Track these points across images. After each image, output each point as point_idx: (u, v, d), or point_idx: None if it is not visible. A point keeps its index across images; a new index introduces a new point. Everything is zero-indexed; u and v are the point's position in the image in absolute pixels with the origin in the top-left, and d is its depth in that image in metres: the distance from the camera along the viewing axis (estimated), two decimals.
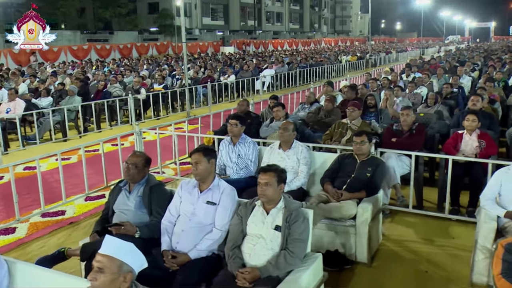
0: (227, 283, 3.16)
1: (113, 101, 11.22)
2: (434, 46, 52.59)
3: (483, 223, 3.96)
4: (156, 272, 3.38)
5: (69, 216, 5.86)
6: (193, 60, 23.96)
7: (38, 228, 5.54)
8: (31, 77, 14.69)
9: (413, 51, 40.88)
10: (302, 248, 3.27)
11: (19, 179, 7.00)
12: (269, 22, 61.58)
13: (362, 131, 4.88)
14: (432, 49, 44.83)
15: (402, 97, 9.26)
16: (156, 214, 3.77)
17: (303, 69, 20.00)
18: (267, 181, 3.32)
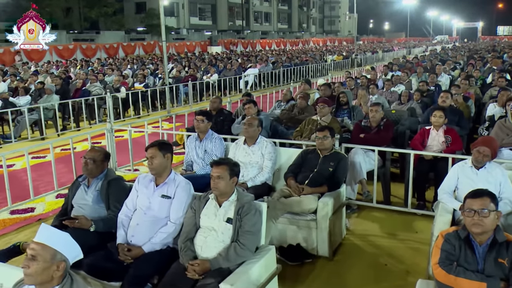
0: (178, 275, 3.19)
1: (93, 100, 11.17)
2: (421, 46, 52.94)
3: (439, 216, 4.03)
4: (110, 265, 3.42)
5: (38, 213, 5.84)
6: (179, 60, 23.88)
7: (5, 225, 5.52)
8: (11, 76, 14.58)
9: (399, 51, 41.12)
10: (253, 241, 3.30)
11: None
12: (257, 22, 61.62)
13: (324, 127, 4.92)
14: (418, 49, 45.12)
15: (379, 95, 9.37)
16: (114, 208, 3.78)
17: (287, 68, 20.05)
18: (219, 174, 3.35)
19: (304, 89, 10.04)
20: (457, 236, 2.71)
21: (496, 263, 2.57)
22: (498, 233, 2.65)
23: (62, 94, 11.23)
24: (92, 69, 18.17)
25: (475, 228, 2.62)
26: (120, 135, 8.41)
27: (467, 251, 2.65)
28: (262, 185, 4.87)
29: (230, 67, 17.76)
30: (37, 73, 15.47)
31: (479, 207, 2.63)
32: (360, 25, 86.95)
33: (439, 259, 2.64)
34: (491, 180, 4.04)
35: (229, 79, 16.05)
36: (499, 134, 5.55)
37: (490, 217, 2.61)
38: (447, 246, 2.69)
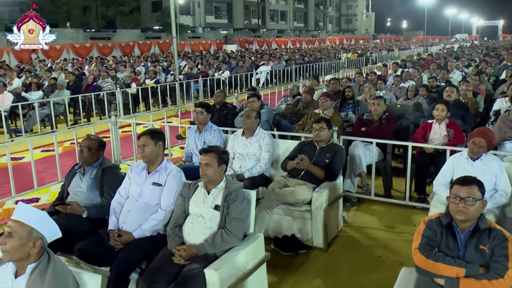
0: (165, 260, 3.22)
1: (104, 95, 11.30)
2: (439, 44, 52.28)
3: (432, 207, 4.01)
4: (101, 250, 3.47)
5: (42, 203, 5.96)
6: (192, 58, 24.03)
7: (10, 214, 5.62)
8: (26, 73, 14.85)
9: (416, 49, 40.66)
10: (239, 227, 3.32)
11: (1, 169, 7.17)
12: (273, 20, 61.57)
13: (321, 118, 4.91)
14: (436, 47, 44.55)
15: (387, 91, 9.31)
16: (107, 196, 3.83)
17: (299, 66, 20.00)
18: (207, 161, 3.37)
19: (311, 84, 10.01)
20: (439, 222, 2.69)
21: (476, 250, 2.54)
22: (481, 220, 2.62)
23: (74, 90, 11.42)
24: (106, 66, 18.36)
25: (458, 215, 2.59)
26: (128, 130, 8.54)
27: (449, 237, 2.62)
28: (259, 176, 4.89)
29: (242, 64, 17.77)
30: (51, 70, 15.73)
31: (466, 195, 2.60)
32: (377, 23, 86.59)
33: (419, 245, 2.63)
34: (487, 171, 4.00)
35: (240, 76, 16.06)
36: (501, 127, 5.48)
37: (475, 206, 2.59)
38: (428, 232, 2.67)
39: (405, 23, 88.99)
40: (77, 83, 12.09)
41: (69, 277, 2.29)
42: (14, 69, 16.79)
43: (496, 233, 2.56)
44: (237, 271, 3.20)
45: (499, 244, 2.51)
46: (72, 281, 2.30)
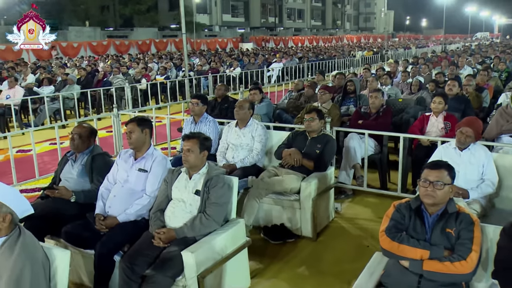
0: (146, 243, 3.30)
1: (116, 90, 11.48)
2: (458, 42, 51.51)
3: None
4: (87, 233, 3.57)
5: None
6: (205, 55, 24.18)
7: None
8: (40, 69, 15.16)
9: (434, 47, 40.14)
10: (218, 212, 3.37)
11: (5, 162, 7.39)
12: (290, 19, 61.45)
13: (312, 109, 4.93)
14: (454, 45, 43.91)
15: (393, 86, 9.28)
16: (96, 182, 3.93)
17: (312, 63, 19.96)
18: (189, 147, 3.44)
19: (317, 79, 10.04)
20: (408, 206, 2.70)
21: (443, 233, 2.55)
22: (450, 204, 2.63)
23: (85, 85, 11.64)
24: (120, 63, 18.60)
25: (426, 199, 2.61)
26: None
27: (417, 220, 2.64)
28: (251, 166, 4.93)
29: (253, 61, 17.82)
30: (66, 66, 16.02)
31: (435, 179, 2.61)
32: (396, 21, 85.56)
33: (386, 227, 2.64)
34: (474, 161, 3.98)
35: (251, 72, 16.12)
36: (499, 121, 5.42)
37: (443, 190, 2.59)
38: (396, 215, 2.68)
39: (424, 21, 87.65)
40: (88, 78, 12.31)
41: (38, 251, 2.37)
42: (29, 65, 17.11)
43: (463, 217, 2.56)
44: (215, 255, 3.25)
45: (465, 227, 2.52)
46: (42, 255, 2.39)
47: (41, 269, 2.30)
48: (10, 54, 24.59)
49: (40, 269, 2.29)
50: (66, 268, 2.41)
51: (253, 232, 4.59)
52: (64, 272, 2.40)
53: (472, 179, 3.93)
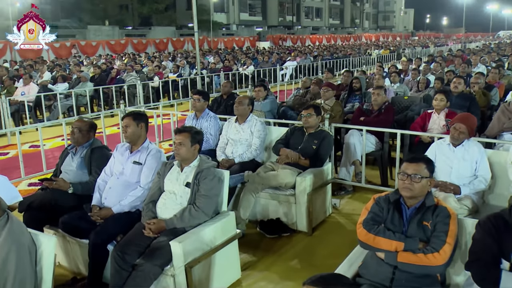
0: (138, 234, 3.40)
1: (129, 88, 11.67)
2: (479, 41, 50.68)
3: None
4: (83, 224, 3.68)
5: None
6: (220, 54, 24.32)
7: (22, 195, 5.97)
8: (57, 66, 15.48)
9: (453, 46, 39.57)
10: (208, 204, 3.44)
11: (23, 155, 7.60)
12: (308, 17, 61.25)
13: (309, 105, 4.96)
14: (474, 44, 43.23)
15: (402, 84, 9.25)
16: (94, 174, 4.04)
17: (327, 61, 19.92)
18: (181, 141, 3.52)
19: (326, 77, 10.06)
20: (387, 199, 2.73)
21: (419, 226, 2.57)
22: (428, 198, 2.65)
23: (99, 83, 11.85)
24: (136, 61, 18.86)
25: (404, 192, 2.64)
26: None
27: (395, 213, 2.67)
28: (250, 161, 4.99)
29: (267, 59, 17.88)
30: (82, 64, 16.32)
31: (412, 172, 2.64)
32: (416, 20, 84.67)
33: (363, 220, 2.68)
34: (467, 157, 3.97)
35: (265, 71, 16.18)
36: (500, 118, 5.38)
37: (421, 183, 2.62)
38: (375, 208, 2.72)
39: (445, 19, 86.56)
40: (102, 76, 12.52)
41: (25, 237, 2.48)
42: (48, 64, 17.47)
43: (440, 210, 2.59)
44: (203, 245, 3.33)
45: (441, 220, 2.54)
46: (28, 241, 2.49)
47: (27, 254, 2.41)
48: (31, 52, 25.11)
49: (25, 253, 2.40)
50: (52, 253, 2.51)
51: (249, 226, 4.68)
52: (49, 257, 2.50)
53: (464, 175, 3.93)
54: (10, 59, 22.10)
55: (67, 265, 4.00)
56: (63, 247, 3.94)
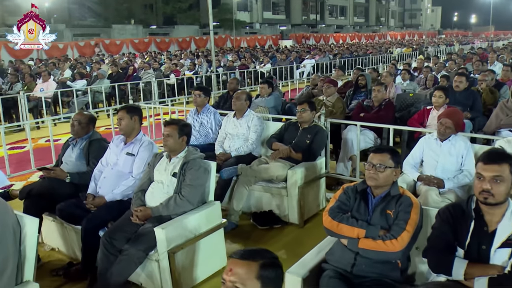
0: (126, 220, 3.58)
1: (146, 85, 11.96)
2: (508, 39, 49.43)
3: None
4: (79, 211, 3.88)
5: None
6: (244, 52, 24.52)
7: None
8: (78, 64, 15.93)
9: (479, 44, 38.77)
10: (192, 193, 3.58)
11: (38, 149, 7.95)
12: (332, 16, 60.90)
13: (304, 100, 5.05)
14: (501, 42, 42.22)
15: (411, 81, 9.24)
16: (91, 164, 4.24)
17: (346, 59, 19.86)
18: (168, 133, 3.68)
19: (337, 74, 10.10)
20: (355, 189, 2.82)
21: (382, 214, 2.66)
22: (393, 187, 2.73)
23: (116, 80, 12.16)
24: (156, 59, 19.21)
25: (369, 181, 2.73)
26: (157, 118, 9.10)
27: (361, 202, 2.76)
28: (246, 155, 5.12)
29: (285, 58, 17.96)
30: (102, 62, 16.73)
31: (377, 162, 2.72)
32: (444, 18, 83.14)
33: (330, 208, 2.78)
34: (454, 152, 4.01)
35: (280, 68, 16.28)
36: (499, 115, 5.37)
37: (385, 173, 2.70)
38: (343, 197, 2.81)
39: (473, 17, 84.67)
40: (119, 74, 12.83)
41: (9, 217, 2.65)
42: (70, 61, 17.97)
43: (404, 200, 2.67)
44: (187, 233, 3.48)
45: (403, 209, 2.62)
46: (13, 221, 2.67)
47: (11, 233, 2.59)
48: (56, 51, 25.84)
49: (9, 232, 2.58)
50: (35, 234, 2.69)
51: (244, 218, 4.82)
52: (32, 237, 2.68)
53: (450, 170, 3.97)
54: (36, 57, 22.75)
55: (65, 251, 4.22)
56: (61, 233, 4.15)
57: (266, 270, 1.69)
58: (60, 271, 3.87)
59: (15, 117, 10.07)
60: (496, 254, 2.32)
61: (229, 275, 1.67)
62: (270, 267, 1.71)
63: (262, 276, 1.67)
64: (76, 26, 36.08)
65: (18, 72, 13.53)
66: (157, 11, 41.20)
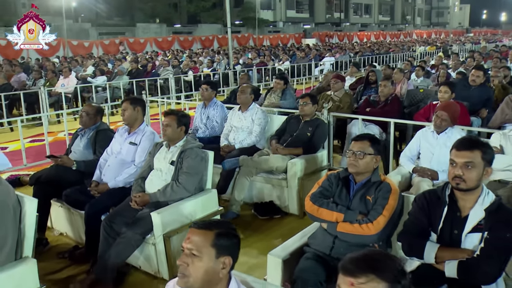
0: (126, 206, 3.74)
1: (165, 82, 12.21)
2: None
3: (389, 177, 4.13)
4: (83, 197, 4.07)
5: None
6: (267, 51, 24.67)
7: None
8: (100, 61, 16.33)
9: (507, 42, 37.91)
10: (189, 181, 3.72)
11: (57, 142, 8.27)
12: (356, 14, 60.44)
13: (305, 94, 5.15)
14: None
15: (425, 78, 9.21)
16: (98, 153, 4.43)
17: (366, 57, 19.77)
18: (167, 123, 3.83)
19: (351, 71, 10.15)
20: (337, 175, 2.91)
21: (361, 200, 2.74)
22: (374, 174, 2.81)
23: (136, 77, 12.46)
24: (176, 57, 19.51)
25: (350, 168, 2.81)
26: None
27: (343, 189, 2.84)
28: (250, 147, 5.24)
29: (304, 55, 18.01)
30: (125, 59, 17.11)
31: (357, 149, 2.80)
32: (472, 16, 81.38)
33: (312, 193, 2.87)
34: (449, 144, 3.93)
35: (299, 66, 16.33)
36: (504, 110, 5.34)
37: (364, 160, 2.78)
38: (326, 183, 2.90)
39: (503, 15, 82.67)
40: (139, 70, 13.13)
41: (10, 197, 2.84)
42: (95, 59, 18.42)
43: (383, 186, 2.74)
44: (182, 218, 3.62)
45: (382, 195, 2.70)
46: (14, 201, 2.85)
47: (10, 212, 2.77)
48: (82, 49, 26.50)
49: (9, 211, 2.76)
50: (33, 213, 2.87)
51: (246, 208, 4.95)
52: (31, 216, 2.86)
53: (445, 162, 3.92)
54: (62, 55, 23.38)
55: (72, 235, 4.41)
56: (68, 218, 4.35)
57: (221, 239, 1.80)
58: (65, 254, 4.06)
59: (37, 111, 10.43)
60: (467, 238, 2.38)
61: (187, 243, 1.79)
62: (225, 236, 1.82)
63: (217, 244, 1.79)
64: (102, 25, 36.84)
65: (42, 69, 13.95)
66: (181, 10, 41.69)
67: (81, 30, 32.30)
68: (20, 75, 11.57)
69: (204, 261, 1.76)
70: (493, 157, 2.44)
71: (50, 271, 3.82)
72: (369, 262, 1.51)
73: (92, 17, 39.80)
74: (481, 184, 2.43)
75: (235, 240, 1.87)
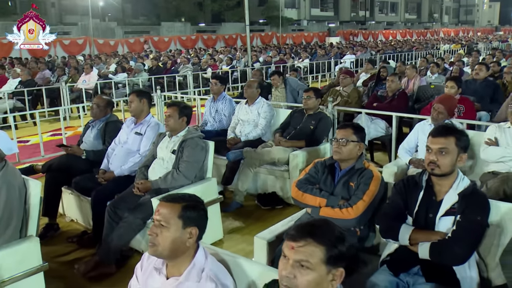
0: (130, 193, 3.93)
1: (184, 78, 12.46)
2: None
3: (385, 168, 4.24)
4: (92, 185, 4.27)
5: None
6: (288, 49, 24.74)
7: None
8: (122, 59, 16.72)
9: None
10: (189, 169, 3.88)
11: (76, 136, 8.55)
12: (382, 12, 59.77)
13: (309, 88, 5.26)
14: None
15: (442, 75, 9.18)
16: (107, 143, 4.64)
17: (387, 55, 19.62)
18: (169, 113, 4.00)
19: (367, 68, 10.18)
20: (324, 163, 3.03)
21: (344, 186, 2.85)
22: (358, 161, 2.92)
23: (156, 73, 12.75)
24: (198, 56, 19.80)
25: (334, 155, 2.93)
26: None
27: (328, 175, 2.95)
28: (256, 140, 5.38)
29: (324, 53, 18.03)
30: (147, 57, 17.48)
31: (341, 137, 2.91)
32: (502, 14, 79.31)
33: (298, 180, 2.99)
34: None
35: (318, 64, 16.38)
36: (510, 104, 5.32)
37: (347, 147, 2.89)
38: (312, 170, 3.02)
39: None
40: (159, 68, 13.42)
41: (17, 179, 3.04)
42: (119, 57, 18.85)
43: (366, 173, 2.84)
44: None
45: (364, 181, 2.80)
46: (20, 183, 3.06)
47: (16, 193, 2.97)
48: (107, 47, 27.10)
49: (15, 192, 2.96)
50: (38, 195, 3.07)
51: (250, 199, 5.10)
52: (36, 197, 3.06)
53: None
54: (88, 53, 23.98)
55: (82, 222, 4.63)
56: (78, 205, 4.57)
57: (188, 211, 1.95)
58: (74, 238, 4.28)
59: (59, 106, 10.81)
60: (441, 221, 2.46)
61: (156, 215, 1.95)
62: (191, 209, 1.97)
63: (183, 216, 1.94)
64: (128, 24, 37.54)
65: (67, 66, 14.40)
66: (205, 9, 42.09)
67: (107, 29, 33.02)
68: (45, 72, 12.00)
69: (171, 231, 1.91)
70: (468, 143, 2.51)
71: (59, 254, 4.05)
72: (309, 229, 1.64)
73: (119, 16, 40.57)
74: (456, 169, 2.51)
75: (201, 213, 2.01)
